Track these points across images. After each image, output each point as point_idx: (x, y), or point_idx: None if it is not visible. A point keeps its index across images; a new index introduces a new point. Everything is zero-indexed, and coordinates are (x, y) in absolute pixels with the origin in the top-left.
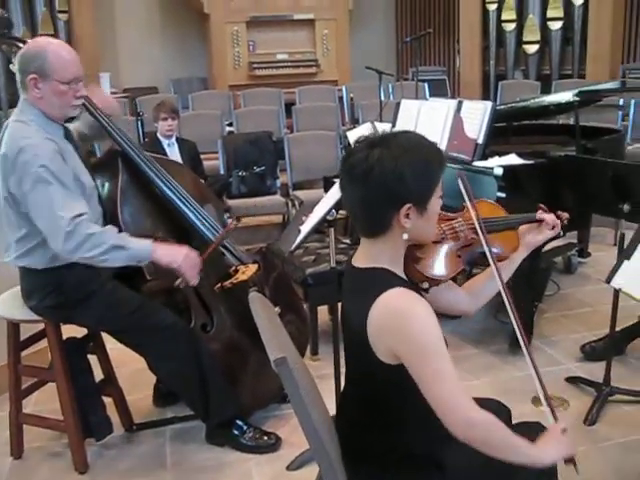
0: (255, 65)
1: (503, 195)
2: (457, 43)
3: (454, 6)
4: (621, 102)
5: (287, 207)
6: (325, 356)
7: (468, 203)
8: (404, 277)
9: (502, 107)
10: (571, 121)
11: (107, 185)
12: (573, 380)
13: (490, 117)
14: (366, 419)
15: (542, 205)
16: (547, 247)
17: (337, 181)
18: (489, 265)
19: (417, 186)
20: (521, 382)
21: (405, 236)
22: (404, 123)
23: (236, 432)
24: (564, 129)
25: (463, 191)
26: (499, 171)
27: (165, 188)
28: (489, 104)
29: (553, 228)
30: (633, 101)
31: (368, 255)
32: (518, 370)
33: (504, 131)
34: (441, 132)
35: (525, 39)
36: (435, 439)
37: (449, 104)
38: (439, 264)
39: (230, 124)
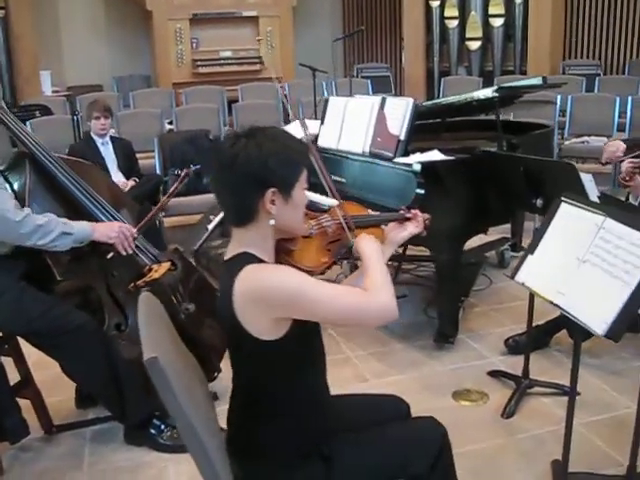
0: (199, 63)
1: (422, 191)
2: (402, 40)
3: (399, 3)
4: (559, 98)
5: None
6: None
7: (328, 193)
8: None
9: (428, 104)
10: (511, 117)
11: (17, 185)
12: (495, 374)
13: (411, 114)
14: (251, 411)
15: (405, 208)
16: (480, 242)
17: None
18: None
19: (281, 172)
20: (444, 376)
21: (272, 222)
22: (332, 120)
23: (154, 432)
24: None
25: (324, 183)
26: (417, 167)
27: (73, 188)
28: (410, 101)
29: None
30: (570, 97)
31: (236, 244)
32: (442, 365)
33: (437, 127)
34: (366, 128)
35: (468, 36)
36: (321, 431)
37: (373, 101)
38: (311, 257)
39: (171, 122)
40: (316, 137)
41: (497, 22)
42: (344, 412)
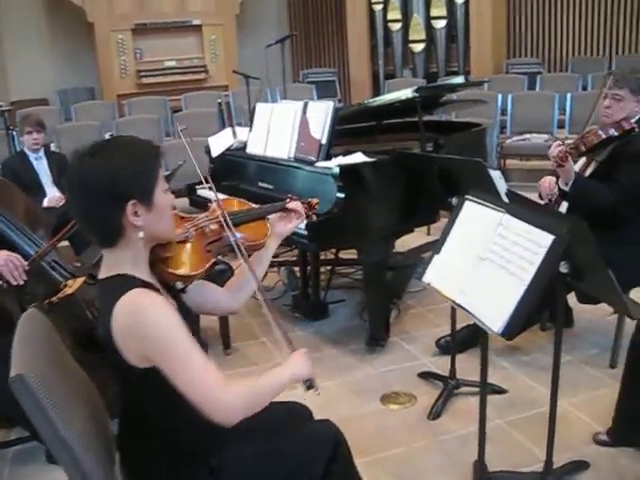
0: (143, 73)
1: (342, 195)
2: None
3: (343, 7)
4: (499, 97)
5: None
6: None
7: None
8: (148, 279)
9: (351, 107)
10: (453, 117)
11: None
12: (424, 375)
13: (332, 117)
14: (134, 432)
15: (291, 195)
16: (416, 244)
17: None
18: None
19: (135, 181)
20: (374, 381)
21: (141, 234)
22: (259, 127)
23: None
24: (438, 125)
25: (212, 187)
26: (336, 170)
27: None
28: (330, 104)
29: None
30: (510, 95)
31: (110, 265)
32: (373, 368)
33: (371, 130)
34: (290, 134)
35: (411, 38)
36: (208, 444)
37: (297, 106)
38: (189, 261)
39: (113, 134)
40: (245, 144)
41: (439, 24)
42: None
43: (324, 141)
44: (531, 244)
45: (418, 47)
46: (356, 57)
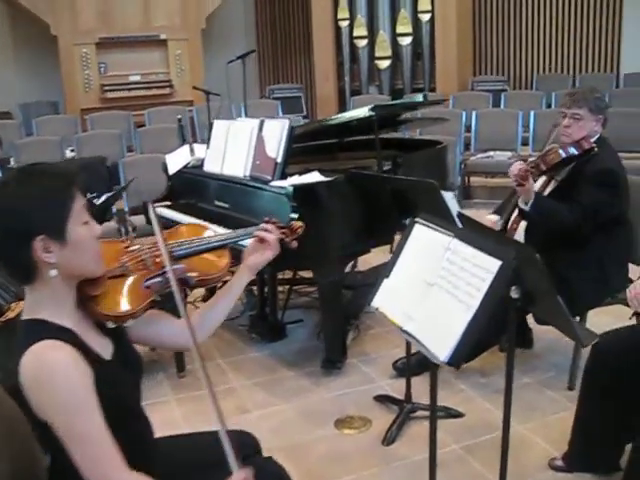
0: (107, 87)
1: (295, 216)
2: None
3: (310, 23)
4: (464, 114)
5: (120, 234)
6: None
7: (156, 229)
8: (70, 325)
9: (311, 124)
10: (418, 134)
11: None
12: (381, 399)
13: (288, 135)
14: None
15: (268, 218)
16: (378, 262)
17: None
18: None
19: (41, 215)
20: (329, 404)
21: (53, 272)
22: (216, 144)
23: None
24: (400, 143)
25: (152, 217)
26: (289, 190)
27: None
28: (286, 122)
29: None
30: (474, 113)
31: (29, 305)
32: (328, 392)
33: (331, 147)
34: (247, 152)
35: (377, 55)
36: None
37: (253, 124)
38: (122, 299)
39: (74, 150)
40: (203, 161)
41: (405, 41)
42: (171, 457)
43: (279, 160)
44: (479, 270)
45: (384, 64)
46: (322, 73)
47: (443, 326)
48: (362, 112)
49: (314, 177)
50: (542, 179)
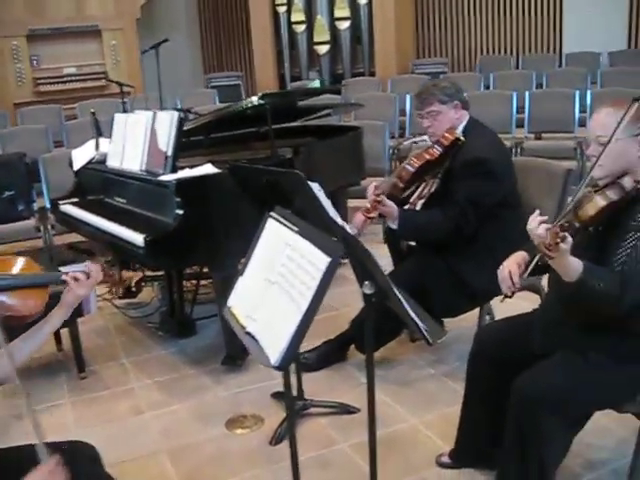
0: (40, 81)
1: (181, 212)
2: None
3: (248, 9)
4: (397, 98)
5: (41, 231)
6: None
7: None
8: None
9: (207, 115)
10: (352, 119)
11: None
12: (277, 396)
13: (177, 127)
14: None
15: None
16: None
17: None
18: None
19: None
20: (225, 403)
21: None
22: (117, 138)
23: None
24: (324, 130)
25: None
26: (172, 185)
27: None
28: (175, 114)
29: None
30: (408, 96)
31: None
32: (226, 389)
33: (244, 137)
34: (142, 146)
35: (316, 40)
36: None
37: (147, 116)
38: None
39: None
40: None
41: (343, 25)
42: None
43: (169, 153)
44: (311, 267)
45: (323, 49)
46: (261, 60)
47: (278, 328)
48: (252, 101)
49: (205, 170)
50: (425, 183)
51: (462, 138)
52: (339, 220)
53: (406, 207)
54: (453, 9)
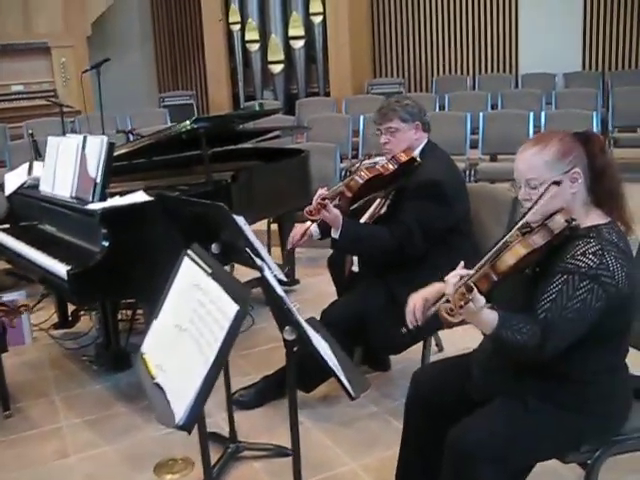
0: None
1: (106, 244)
2: None
3: (202, 27)
4: (350, 120)
5: None
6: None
7: None
8: None
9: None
10: (305, 142)
11: None
12: (211, 437)
13: (107, 153)
14: None
15: None
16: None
17: None
18: None
19: None
20: (155, 443)
21: None
22: (49, 162)
23: None
24: (270, 153)
25: None
26: (98, 215)
27: None
28: (104, 139)
29: None
30: (362, 117)
31: None
32: (156, 430)
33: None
34: (73, 171)
35: (270, 59)
36: None
37: (78, 140)
38: None
39: None
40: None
41: (298, 44)
42: None
43: (98, 179)
44: (220, 315)
45: (277, 68)
46: (214, 78)
47: (186, 382)
48: (186, 125)
49: (135, 198)
50: (377, 201)
51: (418, 159)
52: (266, 255)
53: None
54: (410, 28)
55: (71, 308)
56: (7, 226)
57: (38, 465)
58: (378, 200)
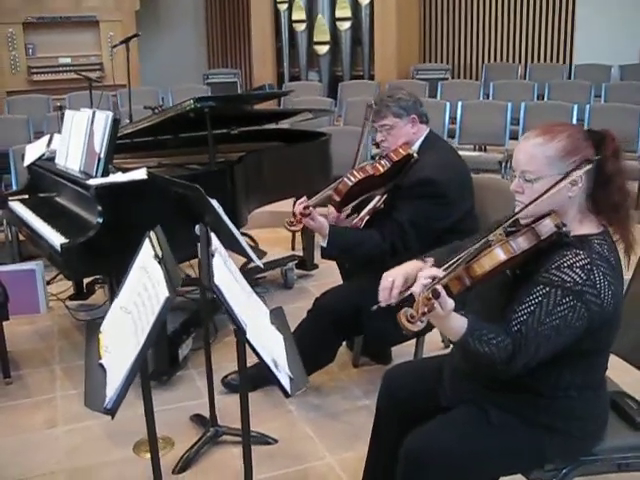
0: (34, 70)
1: (100, 220)
2: None
3: (249, 6)
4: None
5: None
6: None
7: None
8: None
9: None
10: (342, 125)
11: None
12: (195, 419)
13: (111, 129)
14: None
15: None
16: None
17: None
18: None
19: None
20: (138, 422)
21: None
22: (65, 135)
23: None
24: (295, 135)
25: None
26: (93, 190)
27: None
28: (109, 115)
29: None
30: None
31: None
32: (139, 408)
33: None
34: (83, 145)
35: (316, 39)
36: None
37: (89, 114)
38: None
39: None
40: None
41: (344, 25)
42: None
43: (102, 155)
44: (155, 300)
45: (323, 49)
46: (260, 58)
47: (121, 365)
48: (189, 104)
49: (133, 175)
50: (377, 198)
51: (415, 155)
52: (240, 239)
53: (354, 221)
54: (461, 13)
55: (87, 280)
56: (26, 196)
57: (28, 433)
58: (378, 197)
